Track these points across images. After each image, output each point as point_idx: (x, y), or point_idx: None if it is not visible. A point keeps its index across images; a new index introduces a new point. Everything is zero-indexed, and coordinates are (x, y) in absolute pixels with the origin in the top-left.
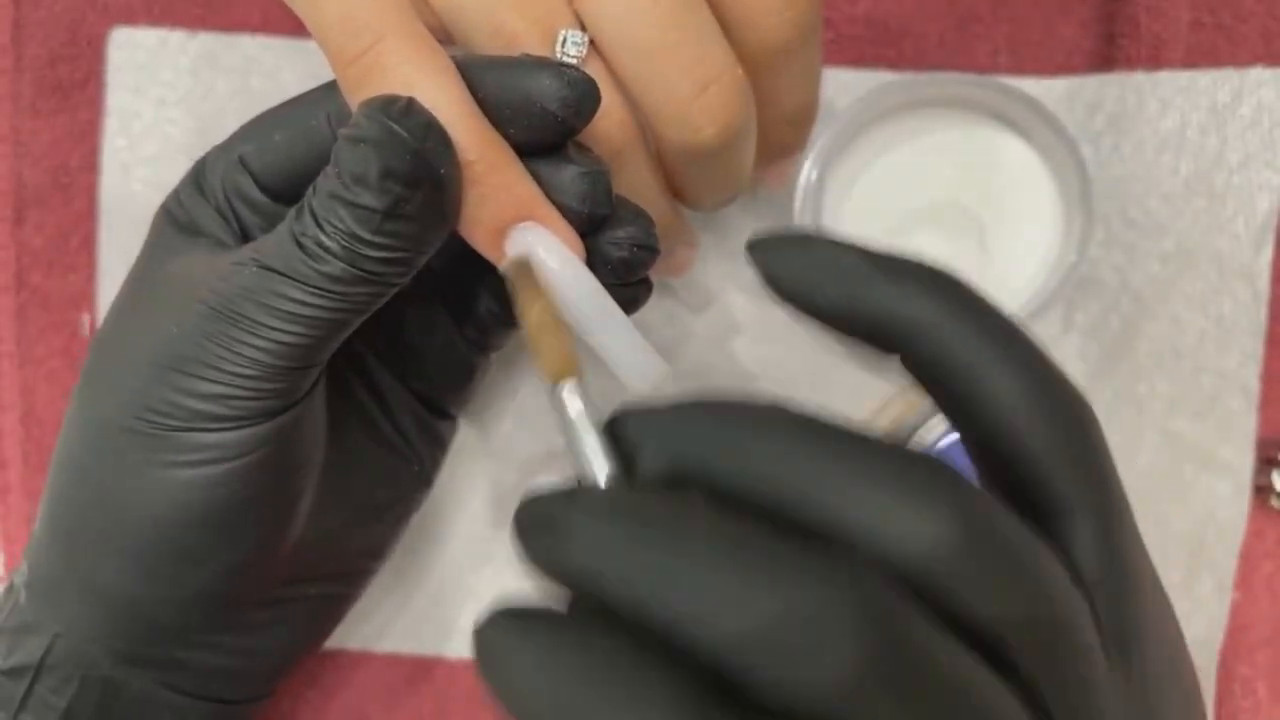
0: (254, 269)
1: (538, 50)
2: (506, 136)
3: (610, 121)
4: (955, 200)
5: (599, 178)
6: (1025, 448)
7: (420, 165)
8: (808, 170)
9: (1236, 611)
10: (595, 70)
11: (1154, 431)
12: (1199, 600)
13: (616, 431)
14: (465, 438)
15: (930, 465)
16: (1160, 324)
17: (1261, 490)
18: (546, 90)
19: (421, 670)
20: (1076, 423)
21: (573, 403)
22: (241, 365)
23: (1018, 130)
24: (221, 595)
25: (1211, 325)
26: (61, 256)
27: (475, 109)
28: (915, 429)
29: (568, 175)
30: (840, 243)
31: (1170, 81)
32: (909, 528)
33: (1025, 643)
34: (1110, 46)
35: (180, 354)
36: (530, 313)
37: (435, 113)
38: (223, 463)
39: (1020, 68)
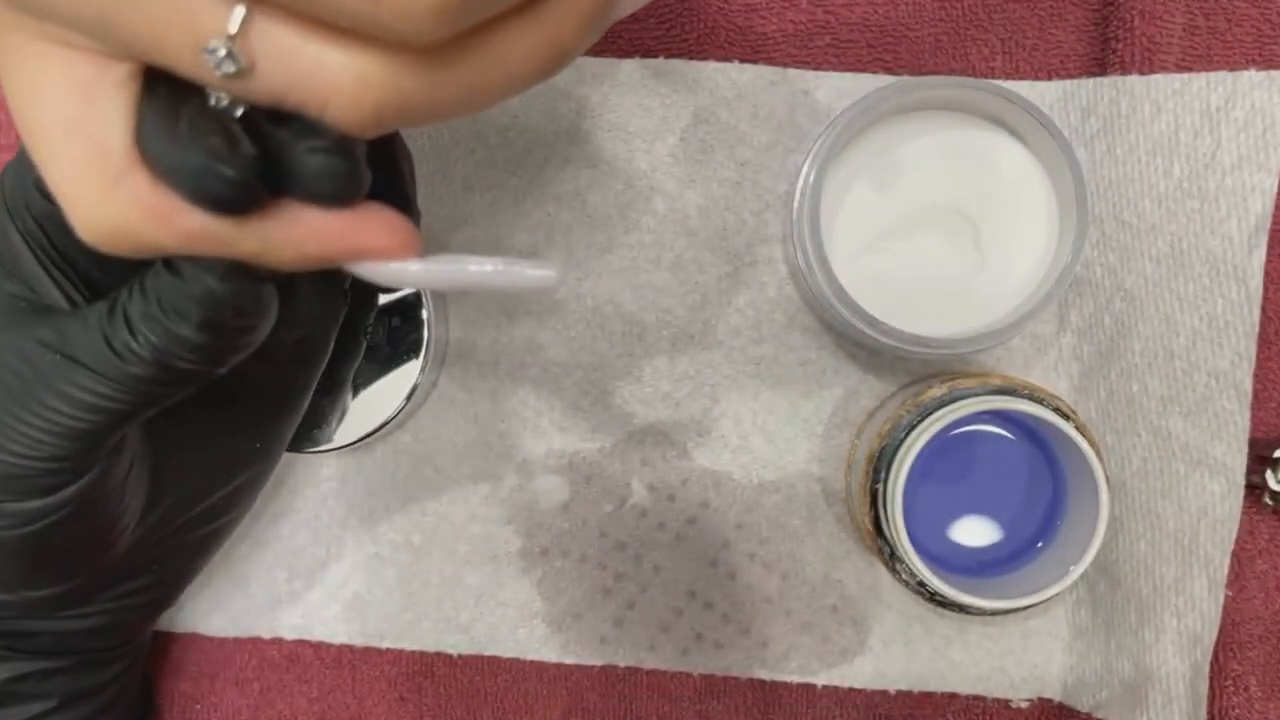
0: (58, 358)
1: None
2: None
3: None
4: (951, 202)
5: (333, 151)
6: None
7: (235, 316)
8: (805, 172)
9: (1229, 609)
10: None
11: (1147, 430)
12: (1192, 597)
13: None
14: (467, 437)
15: None
16: (1153, 324)
17: (1254, 489)
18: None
19: (424, 666)
20: None
21: None
22: (29, 447)
23: (1013, 133)
24: (57, 598)
25: (1204, 325)
26: None
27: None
28: (911, 426)
29: (300, 158)
30: None
31: (1164, 85)
32: None
33: None
34: (1104, 50)
35: None
36: None
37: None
38: (22, 527)
39: (1015, 71)
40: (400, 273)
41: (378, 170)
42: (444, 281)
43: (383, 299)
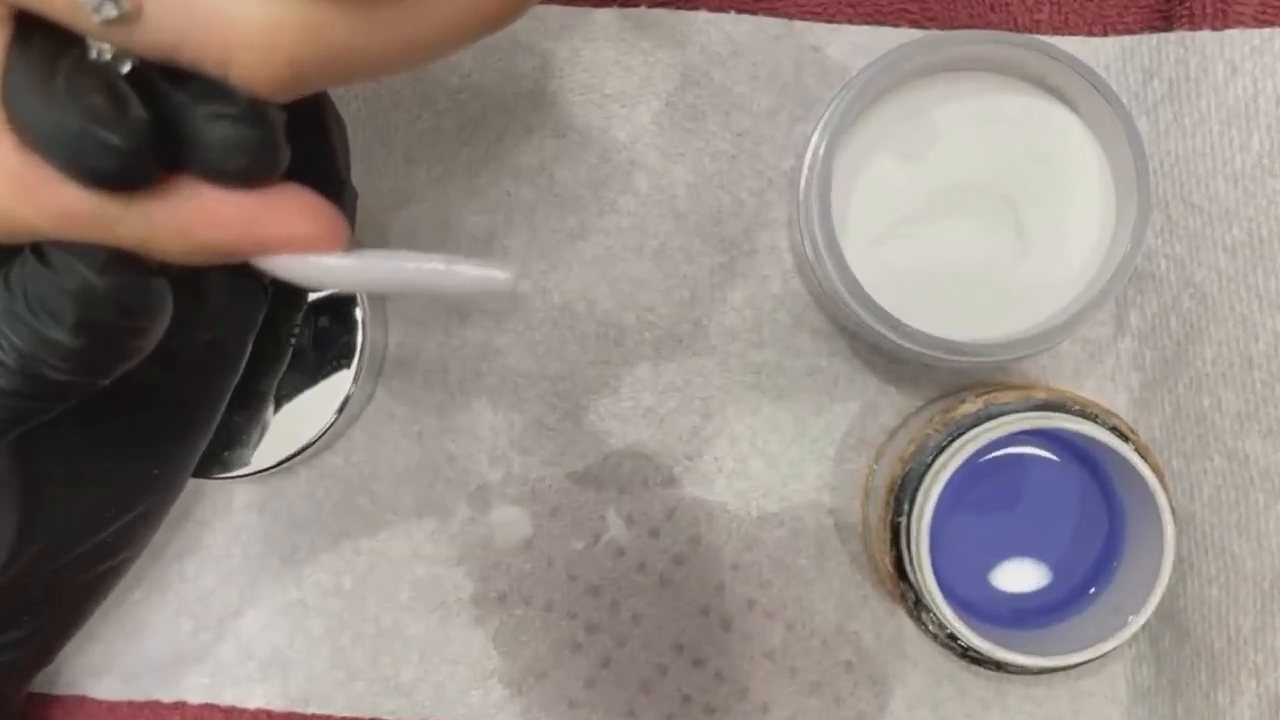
0: None
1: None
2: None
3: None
4: (988, 180)
5: (241, 118)
6: None
7: (119, 316)
8: (815, 143)
9: None
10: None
11: (1220, 453)
12: (1274, 653)
13: None
14: (410, 460)
15: None
16: (1228, 327)
17: None
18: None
19: None
20: None
21: None
22: None
23: (1061, 99)
24: None
25: None
26: None
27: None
28: (940, 448)
29: (202, 129)
30: None
31: (1241, 41)
32: None
33: None
34: (1170, 1)
35: None
36: None
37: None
38: None
39: (1065, 25)
40: (322, 270)
41: (300, 143)
42: (376, 281)
43: (311, 295)
